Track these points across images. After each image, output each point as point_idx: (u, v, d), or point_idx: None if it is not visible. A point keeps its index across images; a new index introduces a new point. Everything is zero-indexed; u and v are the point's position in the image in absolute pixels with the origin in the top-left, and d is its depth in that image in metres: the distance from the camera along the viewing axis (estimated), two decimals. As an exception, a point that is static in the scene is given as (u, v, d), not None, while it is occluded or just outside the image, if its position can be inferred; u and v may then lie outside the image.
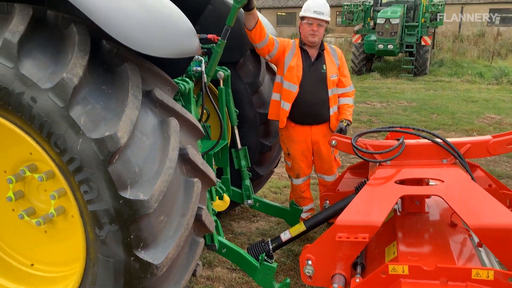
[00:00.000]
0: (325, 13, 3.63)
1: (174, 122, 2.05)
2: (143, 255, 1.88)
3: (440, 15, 15.71)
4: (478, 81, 14.58)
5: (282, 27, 32.83)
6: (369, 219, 2.42)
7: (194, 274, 2.38)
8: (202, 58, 2.89)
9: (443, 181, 2.53)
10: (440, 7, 15.91)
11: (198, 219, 2.17)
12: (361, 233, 2.41)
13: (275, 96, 3.77)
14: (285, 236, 3.29)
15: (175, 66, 2.49)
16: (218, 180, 3.49)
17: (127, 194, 1.82)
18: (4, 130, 2.35)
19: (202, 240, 2.24)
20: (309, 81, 3.66)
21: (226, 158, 3.55)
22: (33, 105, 1.80)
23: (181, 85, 2.66)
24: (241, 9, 3.11)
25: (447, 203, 2.37)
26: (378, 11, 15.68)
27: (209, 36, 3.10)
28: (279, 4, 34.44)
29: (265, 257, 2.78)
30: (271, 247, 3.22)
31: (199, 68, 2.87)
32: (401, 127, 2.91)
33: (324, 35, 3.75)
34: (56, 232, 2.53)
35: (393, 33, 14.70)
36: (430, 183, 3.11)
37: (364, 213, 2.51)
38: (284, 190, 5.07)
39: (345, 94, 3.80)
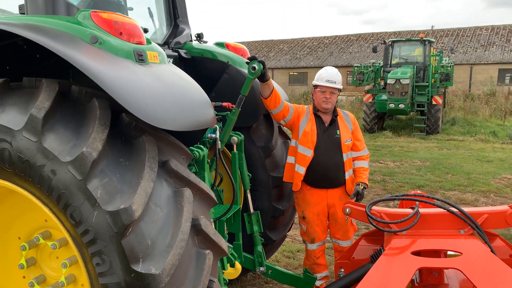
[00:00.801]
0: (337, 81, 3.76)
1: (188, 193, 2.08)
2: (152, 331, 1.82)
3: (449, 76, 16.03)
4: (492, 140, 14.52)
5: (294, 86, 33.79)
6: (387, 293, 2.34)
7: None
8: (216, 125, 2.97)
9: (461, 253, 2.46)
10: (449, 68, 16.27)
11: (209, 293, 2.12)
12: (378, 308, 2.32)
13: (290, 159, 3.83)
14: (298, 306, 3.16)
15: (191, 136, 2.57)
16: (230, 245, 3.45)
17: (139, 267, 1.80)
18: (22, 199, 2.41)
19: (213, 315, 2.17)
20: (324, 146, 3.73)
21: (238, 223, 3.52)
22: (52, 178, 1.86)
23: (196, 152, 2.72)
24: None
25: (466, 276, 2.29)
26: (388, 72, 16.10)
27: (224, 104, 3.21)
28: (291, 64, 35.68)
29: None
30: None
31: (213, 135, 2.95)
32: (415, 195, 2.87)
33: (336, 101, 3.86)
34: (66, 302, 2.49)
35: (403, 93, 14.97)
36: (448, 253, 3.02)
37: (381, 286, 2.43)
38: (298, 255, 4.95)
39: (360, 158, 3.83)
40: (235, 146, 3.47)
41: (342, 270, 3.38)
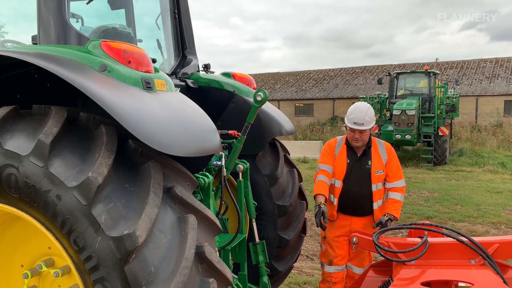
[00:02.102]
0: (365, 123, 3.74)
1: (192, 219, 2.06)
2: None
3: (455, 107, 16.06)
4: (500, 171, 14.37)
5: (300, 117, 34.01)
6: (396, 326, 2.27)
7: None
8: (222, 152, 2.98)
9: (473, 284, 2.39)
10: (455, 99, 16.34)
11: (212, 324, 2.06)
12: None
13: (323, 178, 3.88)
14: None
15: (196, 162, 2.57)
16: (235, 276, 3.38)
17: (142, 295, 1.77)
18: (27, 225, 2.40)
19: None
20: (353, 176, 3.79)
21: (243, 253, 3.46)
22: (57, 203, 1.86)
23: (201, 180, 2.72)
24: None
25: (479, 310, 2.22)
26: (394, 103, 16.18)
27: (230, 132, 3.24)
28: (297, 96, 36.05)
29: None
30: None
31: (219, 163, 2.96)
32: (423, 224, 2.82)
33: (370, 135, 3.87)
34: (66, 332, 2.43)
35: (409, 124, 14.99)
36: (459, 285, 2.93)
37: (390, 320, 2.35)
38: (305, 287, 4.82)
39: (393, 189, 3.80)
40: (240, 174, 3.46)
41: (350, 303, 3.30)
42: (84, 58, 2.17)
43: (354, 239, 2.90)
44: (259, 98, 3.02)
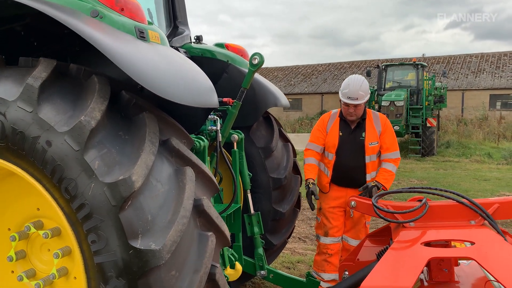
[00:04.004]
0: (359, 98, 3.68)
1: (189, 171, 1.98)
2: (150, 315, 1.68)
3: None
4: (487, 161, 14.55)
5: (289, 112, 34.01)
6: (398, 284, 2.22)
7: None
8: (217, 117, 2.90)
9: (474, 243, 2.36)
10: (442, 90, 16.49)
11: (211, 279, 1.99)
12: (389, 300, 2.18)
13: (311, 161, 3.88)
14: (302, 309, 3.00)
15: (192, 121, 2.48)
16: (229, 248, 3.31)
17: (138, 243, 1.68)
18: (13, 184, 2.29)
19: (215, 304, 2.02)
20: (346, 148, 3.75)
21: (238, 224, 3.39)
22: (47, 149, 1.76)
23: (196, 142, 2.63)
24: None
25: (481, 266, 2.18)
26: (382, 95, 16.26)
27: (225, 99, 3.15)
28: (285, 91, 36.02)
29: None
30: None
31: (214, 128, 2.87)
32: (423, 188, 2.79)
33: (365, 106, 3.82)
34: (56, 297, 2.33)
35: (398, 115, 15.08)
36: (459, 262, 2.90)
37: (391, 278, 2.30)
38: (298, 266, 4.78)
39: (387, 160, 3.77)
40: (235, 144, 3.39)
41: (347, 272, 3.24)
42: (75, 4, 2.07)
43: (352, 203, 2.85)
44: (255, 62, 2.94)
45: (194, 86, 2.17)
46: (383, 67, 17.80)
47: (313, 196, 3.66)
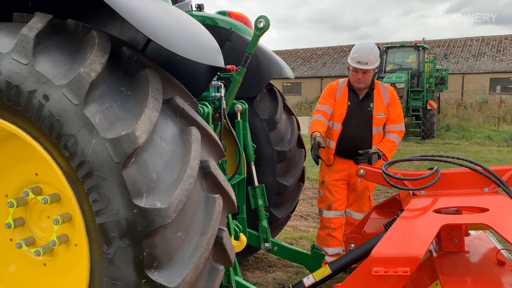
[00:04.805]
0: (369, 62, 3.52)
1: (195, 131, 1.88)
2: (156, 276, 1.61)
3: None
4: (487, 143, 14.49)
5: (288, 96, 33.76)
6: (410, 251, 2.15)
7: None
8: (221, 83, 2.80)
9: (487, 209, 2.28)
10: (444, 72, 16.34)
11: (218, 242, 1.91)
12: (400, 267, 2.12)
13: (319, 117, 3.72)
14: (308, 281, 2.95)
15: (193, 85, 2.37)
16: (233, 220, 3.23)
17: (142, 202, 1.59)
18: (9, 145, 2.20)
19: (222, 268, 1.95)
20: (353, 118, 3.63)
21: (242, 195, 3.31)
22: (44, 104, 1.65)
23: (200, 108, 2.53)
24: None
25: (495, 231, 2.12)
26: (383, 78, 16.08)
27: (228, 66, 3.04)
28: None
29: (290, 299, 2.44)
30: (293, 294, 2.87)
31: (218, 94, 2.77)
32: (433, 156, 2.70)
33: (374, 75, 3.66)
34: (57, 264, 2.26)
35: (399, 97, 14.93)
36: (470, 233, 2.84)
37: (403, 245, 2.24)
38: (301, 242, 4.72)
39: (391, 131, 3.65)
40: (239, 114, 3.28)
41: (353, 244, 3.18)
42: None
43: (361, 171, 2.76)
44: (260, 25, 2.81)
45: (201, 44, 2.07)
46: (384, 49, 17.57)
47: (319, 148, 3.37)
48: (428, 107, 15.75)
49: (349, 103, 3.65)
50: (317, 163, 3.46)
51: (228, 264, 2.07)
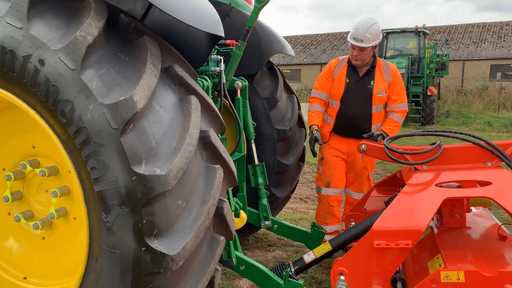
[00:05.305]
0: (365, 40, 3.41)
1: (195, 100, 1.85)
2: (156, 244, 1.59)
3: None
4: (487, 129, 14.46)
5: (288, 83, 33.54)
6: (411, 224, 2.13)
7: (211, 285, 2.04)
8: (221, 58, 2.75)
9: (490, 183, 2.26)
10: (444, 57, 16.23)
11: (219, 213, 1.89)
12: (402, 240, 2.10)
13: (316, 107, 3.75)
14: (308, 257, 2.94)
15: (192, 56, 2.32)
16: (234, 198, 3.22)
17: (141, 169, 1.57)
18: (5, 117, 2.16)
19: (222, 239, 1.93)
20: (352, 96, 3.57)
21: (242, 173, 3.29)
22: (40, 69, 1.61)
23: (199, 82, 2.49)
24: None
25: (498, 204, 2.09)
26: (383, 63, 15.97)
27: (228, 41, 2.99)
28: (284, 61, 35.49)
29: (290, 272, 2.43)
30: (293, 270, 2.86)
31: (217, 68, 2.72)
32: (436, 131, 2.67)
33: (374, 54, 3.59)
34: (55, 238, 2.24)
35: (399, 83, 14.86)
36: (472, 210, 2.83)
37: (405, 219, 2.22)
38: (300, 222, 4.72)
39: (394, 110, 3.59)
40: (239, 91, 3.24)
41: (353, 222, 3.17)
42: None
43: (363, 146, 2.73)
44: (261, -2, 2.75)
45: (202, 11, 2.03)
46: (385, 34, 17.41)
47: (316, 143, 3.52)
48: (428, 93, 15.66)
49: (347, 80, 3.58)
50: (314, 156, 3.47)
51: (229, 237, 2.05)
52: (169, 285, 1.66)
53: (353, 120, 3.57)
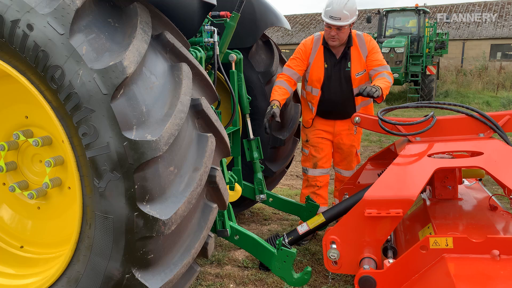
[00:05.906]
0: (343, 18, 3.16)
1: (186, 67, 1.84)
2: (148, 209, 1.61)
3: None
4: (485, 109, 14.43)
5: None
6: (403, 193, 2.15)
7: (205, 254, 2.07)
8: (214, 28, 2.72)
9: (482, 153, 2.28)
10: (444, 36, 16.07)
11: (211, 181, 1.90)
12: (393, 208, 2.12)
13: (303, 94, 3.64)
14: (302, 228, 2.98)
15: (184, 25, 2.30)
16: (229, 171, 3.23)
17: (132, 135, 1.57)
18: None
19: (215, 206, 1.95)
20: (333, 82, 3.40)
21: (237, 148, 3.30)
22: (29, 34, 1.60)
23: (192, 52, 2.47)
24: None
25: (490, 174, 2.11)
26: (382, 42, 15.82)
27: (222, 13, 2.95)
28: (283, 41, 35.17)
29: (283, 242, 2.47)
30: (286, 240, 2.90)
31: (211, 40, 2.70)
32: (430, 102, 2.67)
33: (350, 31, 3.36)
34: (50, 208, 2.27)
35: (398, 62, 14.76)
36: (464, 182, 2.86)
37: (396, 188, 2.24)
38: (296, 198, 4.76)
39: (379, 71, 3.32)
40: (233, 64, 3.22)
41: (347, 195, 3.20)
42: None
43: (357, 118, 2.73)
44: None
45: None
46: (384, 13, 17.21)
47: (272, 119, 3.12)
48: (427, 73, 15.57)
49: (325, 66, 3.39)
50: (266, 133, 3.15)
51: (222, 206, 2.07)
52: (162, 249, 1.68)
53: (336, 106, 3.44)
